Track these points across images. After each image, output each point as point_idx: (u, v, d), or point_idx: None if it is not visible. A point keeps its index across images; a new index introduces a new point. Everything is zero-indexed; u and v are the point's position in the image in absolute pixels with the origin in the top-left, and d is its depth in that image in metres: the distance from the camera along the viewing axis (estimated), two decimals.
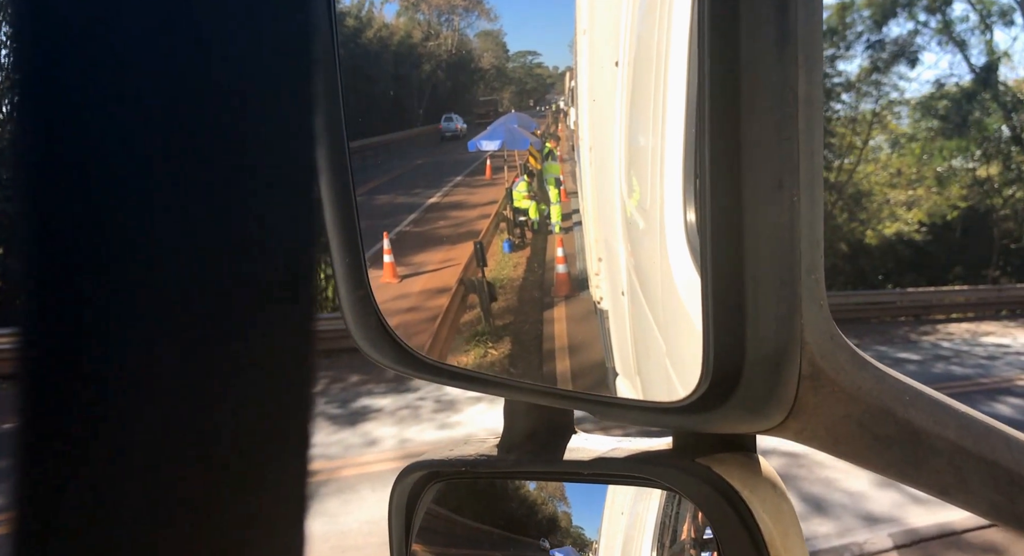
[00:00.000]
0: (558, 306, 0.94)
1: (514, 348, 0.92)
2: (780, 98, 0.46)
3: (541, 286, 0.94)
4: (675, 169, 0.71)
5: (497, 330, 0.94)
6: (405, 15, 1.10)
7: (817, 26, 0.47)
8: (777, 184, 0.46)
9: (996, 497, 0.56)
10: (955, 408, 0.57)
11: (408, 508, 0.78)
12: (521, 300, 0.96)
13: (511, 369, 0.93)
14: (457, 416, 9.09)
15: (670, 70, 0.70)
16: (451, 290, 0.93)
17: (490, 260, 0.97)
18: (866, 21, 24.67)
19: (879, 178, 27.64)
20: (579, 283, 0.94)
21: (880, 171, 27.88)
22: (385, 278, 0.88)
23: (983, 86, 24.75)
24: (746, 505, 0.60)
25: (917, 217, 26.53)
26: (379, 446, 8.01)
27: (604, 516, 0.74)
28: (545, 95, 0.95)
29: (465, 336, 0.91)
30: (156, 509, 0.23)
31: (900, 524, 5.96)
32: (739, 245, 0.47)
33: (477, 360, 0.90)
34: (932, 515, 6.06)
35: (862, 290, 21.78)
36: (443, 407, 9.50)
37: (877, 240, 25.96)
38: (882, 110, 26.69)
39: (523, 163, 1.01)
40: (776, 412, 0.53)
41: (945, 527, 5.88)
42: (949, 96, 25.78)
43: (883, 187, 27.41)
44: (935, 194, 27.09)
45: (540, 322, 0.93)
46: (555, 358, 0.88)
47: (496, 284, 0.95)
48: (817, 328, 0.51)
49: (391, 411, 9.46)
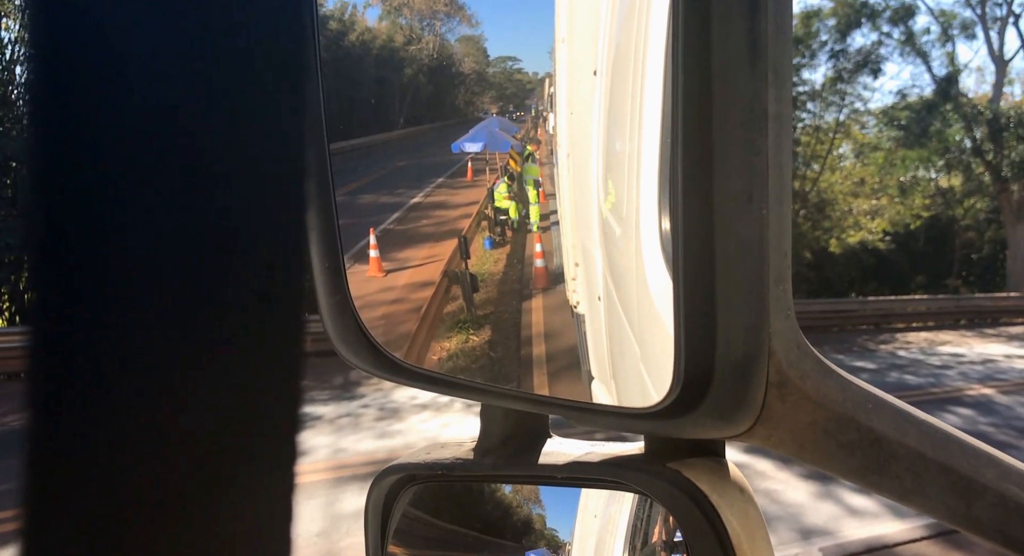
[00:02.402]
0: (536, 297, 0.98)
1: (494, 335, 0.96)
2: (750, 113, 0.47)
3: (520, 279, 0.97)
4: (651, 177, 0.72)
5: (478, 319, 0.97)
6: (387, 19, 1.10)
7: (787, 43, 0.48)
8: (747, 197, 0.48)
9: (953, 501, 0.58)
10: (916, 416, 0.59)
11: (384, 511, 0.78)
12: (501, 292, 1.00)
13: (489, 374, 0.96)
14: (399, 424, 8.92)
15: (647, 80, 0.72)
16: (435, 283, 0.97)
17: (472, 256, 1.01)
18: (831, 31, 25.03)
19: (843, 187, 28.09)
20: (556, 277, 0.98)
21: (844, 180, 28.34)
22: (371, 272, 0.91)
23: (943, 98, 25.25)
24: (714, 508, 0.62)
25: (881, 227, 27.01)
26: (311, 456, 7.79)
27: (578, 518, 0.75)
28: (525, 100, 0.96)
29: (448, 324, 0.95)
30: (150, 507, 0.23)
31: (834, 537, 5.97)
32: (710, 256, 0.48)
33: (460, 346, 0.93)
34: (866, 528, 6.12)
35: (824, 298, 22.06)
36: (386, 415, 9.33)
37: (841, 249, 26.39)
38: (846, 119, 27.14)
39: (504, 165, 1.03)
40: (744, 419, 0.54)
41: (876, 541, 5.93)
42: (911, 107, 26.28)
43: (846, 196, 27.87)
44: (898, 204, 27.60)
45: (519, 312, 0.96)
46: (532, 343, 0.92)
47: (478, 277, 0.99)
48: (784, 337, 0.52)
49: (331, 419, 9.27)
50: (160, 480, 0.23)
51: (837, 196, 27.52)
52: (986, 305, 22.13)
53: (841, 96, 26.33)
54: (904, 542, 5.90)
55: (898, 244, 27.45)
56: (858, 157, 29.03)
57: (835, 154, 27.94)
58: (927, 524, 6.03)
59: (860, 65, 25.38)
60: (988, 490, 0.58)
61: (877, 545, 5.87)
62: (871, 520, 6.28)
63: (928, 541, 5.90)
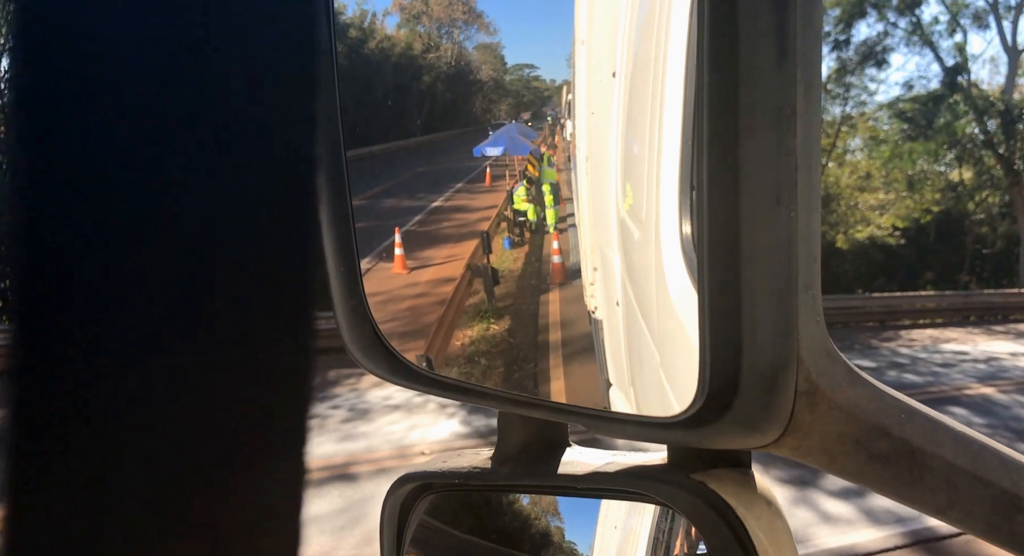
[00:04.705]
0: (552, 291, 1.02)
1: (513, 323, 1.02)
2: (778, 114, 0.45)
3: (538, 275, 1.02)
4: (671, 181, 0.71)
5: (499, 310, 1.02)
6: (406, 27, 1.12)
7: (816, 39, 0.46)
8: (775, 200, 0.46)
9: (992, 516, 0.57)
10: (951, 426, 0.58)
11: (400, 519, 0.77)
12: (520, 287, 1.05)
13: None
14: (366, 427, 8.77)
15: (667, 82, 0.70)
16: (456, 280, 1.04)
17: (493, 253, 1.07)
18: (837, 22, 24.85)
19: (849, 181, 27.97)
20: (572, 273, 1.01)
21: (850, 175, 28.22)
22: (396, 269, 0.96)
23: (951, 89, 25.07)
24: (741, 522, 0.61)
25: (889, 222, 26.87)
26: None
27: (597, 531, 0.74)
28: (542, 108, 0.98)
29: (470, 315, 1.00)
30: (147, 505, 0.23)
31: (807, 545, 5.86)
32: (736, 261, 0.47)
33: (481, 333, 0.97)
34: (841, 536, 6.02)
35: (829, 295, 21.97)
36: (354, 416, 9.19)
37: (849, 244, 26.28)
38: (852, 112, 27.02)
39: (522, 169, 1.05)
40: (772, 429, 0.53)
41: (851, 549, 5.85)
42: (918, 99, 26.11)
43: (853, 191, 27.76)
44: (907, 198, 27.45)
45: (536, 303, 1.01)
46: (548, 331, 0.97)
47: (499, 272, 1.05)
48: (813, 345, 0.51)
49: None
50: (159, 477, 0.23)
51: (843, 191, 27.41)
52: (996, 301, 21.97)
53: (846, 88, 26.19)
54: (881, 551, 5.81)
55: (908, 239, 27.28)
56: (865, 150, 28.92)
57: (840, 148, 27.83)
58: (904, 532, 5.96)
59: (866, 56, 25.22)
60: None
61: (849, 554, 5.79)
62: (846, 527, 6.16)
63: (905, 550, 5.82)
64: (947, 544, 5.75)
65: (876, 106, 27.73)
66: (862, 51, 25.22)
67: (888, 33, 25.46)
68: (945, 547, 5.75)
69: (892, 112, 26.95)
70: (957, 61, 25.71)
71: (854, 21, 24.77)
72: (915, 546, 5.83)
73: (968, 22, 26.15)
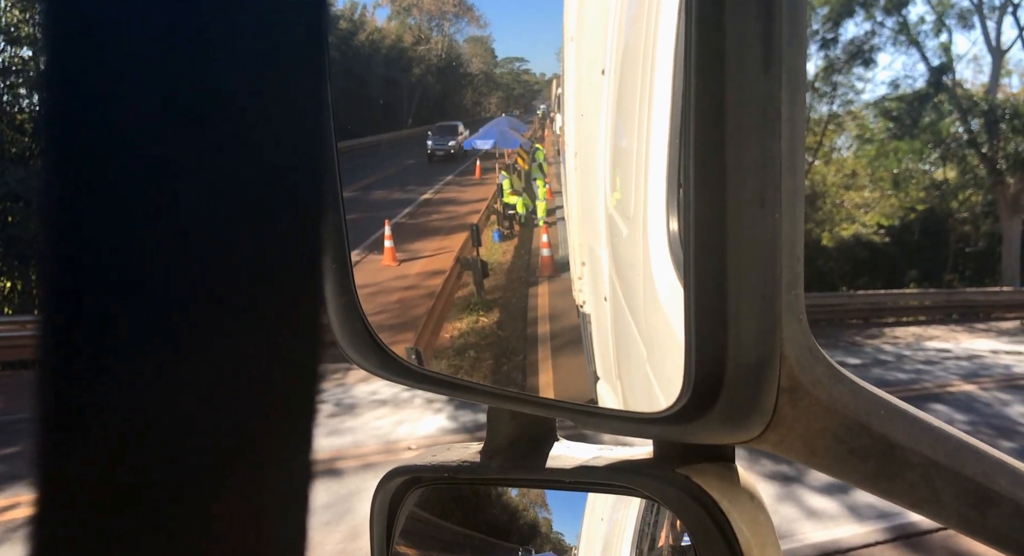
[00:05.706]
0: (542, 284, 1.04)
1: (502, 316, 1.02)
2: (764, 116, 0.46)
3: (527, 268, 1.03)
4: (659, 178, 0.71)
5: (488, 302, 1.03)
6: (396, 19, 1.10)
7: (801, 45, 0.47)
8: (760, 203, 0.47)
9: (966, 510, 0.58)
10: (929, 423, 0.59)
11: (390, 512, 0.78)
12: (509, 279, 1.06)
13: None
14: (352, 421, 8.75)
15: (656, 80, 0.71)
16: (446, 272, 1.04)
17: (483, 246, 1.07)
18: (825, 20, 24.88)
19: (835, 180, 28.07)
20: (561, 266, 1.03)
21: (836, 173, 28.30)
22: (385, 261, 0.97)
23: (936, 88, 25.17)
24: (724, 515, 0.61)
25: (874, 220, 26.97)
26: None
27: (584, 522, 0.75)
28: (532, 101, 0.97)
29: (460, 307, 1.01)
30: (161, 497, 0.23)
31: (791, 540, 5.87)
32: (722, 262, 0.48)
33: (470, 326, 0.98)
34: (826, 532, 6.03)
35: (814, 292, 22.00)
36: (341, 411, 9.17)
37: (834, 242, 26.37)
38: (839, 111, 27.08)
39: (512, 162, 1.07)
40: (755, 424, 0.54)
41: (833, 544, 5.86)
42: (904, 98, 26.20)
43: (839, 189, 27.86)
44: (891, 196, 27.57)
45: (526, 296, 1.02)
46: (537, 324, 0.98)
47: (488, 265, 1.05)
48: (796, 342, 0.52)
49: None
50: (173, 469, 0.23)
51: (829, 189, 27.50)
52: (978, 299, 22.16)
53: (834, 87, 26.25)
54: (863, 546, 5.83)
55: (893, 237, 27.42)
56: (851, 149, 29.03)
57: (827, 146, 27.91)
58: (886, 527, 5.98)
59: (853, 55, 25.29)
60: (1003, 499, 0.58)
61: (835, 550, 5.79)
62: (829, 523, 6.17)
63: (887, 545, 5.84)
64: (928, 539, 5.80)
65: (863, 104, 27.85)
66: (850, 50, 25.26)
67: (875, 32, 25.52)
68: (926, 542, 5.80)
69: (878, 111, 27.04)
70: (942, 61, 25.81)
71: (842, 20, 24.80)
72: (897, 541, 5.87)
73: (953, 22, 26.29)
